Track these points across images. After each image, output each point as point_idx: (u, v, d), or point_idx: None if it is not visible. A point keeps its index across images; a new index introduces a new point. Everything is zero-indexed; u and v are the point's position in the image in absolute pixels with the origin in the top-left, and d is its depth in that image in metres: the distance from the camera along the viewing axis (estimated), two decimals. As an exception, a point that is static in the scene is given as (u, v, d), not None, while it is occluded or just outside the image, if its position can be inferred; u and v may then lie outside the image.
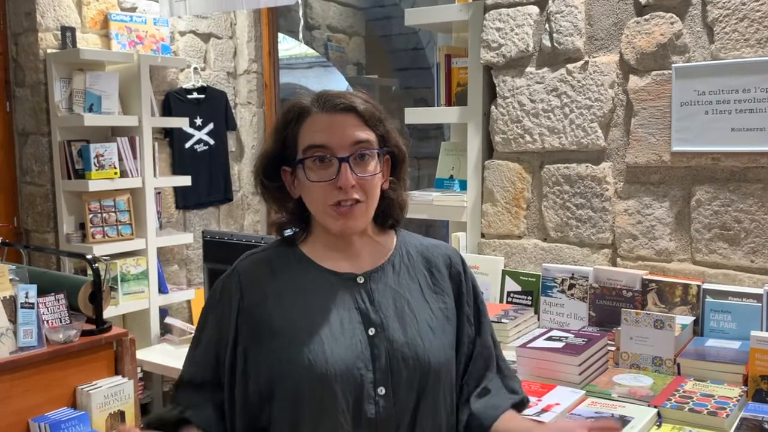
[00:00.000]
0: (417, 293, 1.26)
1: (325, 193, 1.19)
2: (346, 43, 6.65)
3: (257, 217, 4.48)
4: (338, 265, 1.25)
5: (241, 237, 2.98)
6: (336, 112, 1.20)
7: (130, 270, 3.46)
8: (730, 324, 1.93)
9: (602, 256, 2.23)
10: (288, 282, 1.24)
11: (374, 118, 1.22)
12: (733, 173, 2.00)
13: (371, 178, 1.20)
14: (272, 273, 1.25)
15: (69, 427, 1.94)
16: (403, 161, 1.28)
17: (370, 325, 1.20)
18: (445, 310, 1.28)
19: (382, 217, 1.29)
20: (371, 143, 1.21)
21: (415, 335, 1.20)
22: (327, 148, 1.18)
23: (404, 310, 1.22)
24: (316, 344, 1.16)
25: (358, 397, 1.15)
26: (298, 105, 1.23)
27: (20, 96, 3.51)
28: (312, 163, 1.19)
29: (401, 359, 1.18)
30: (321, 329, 1.17)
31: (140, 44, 3.67)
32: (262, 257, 1.28)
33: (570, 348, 1.80)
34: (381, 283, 1.24)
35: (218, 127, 4.13)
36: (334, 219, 1.20)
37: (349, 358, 1.16)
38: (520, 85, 2.34)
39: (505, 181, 2.39)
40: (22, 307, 1.94)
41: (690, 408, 1.58)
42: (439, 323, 1.25)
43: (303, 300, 1.21)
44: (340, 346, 1.16)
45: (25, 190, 3.57)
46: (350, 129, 1.19)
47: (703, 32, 2.02)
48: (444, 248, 1.35)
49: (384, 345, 1.18)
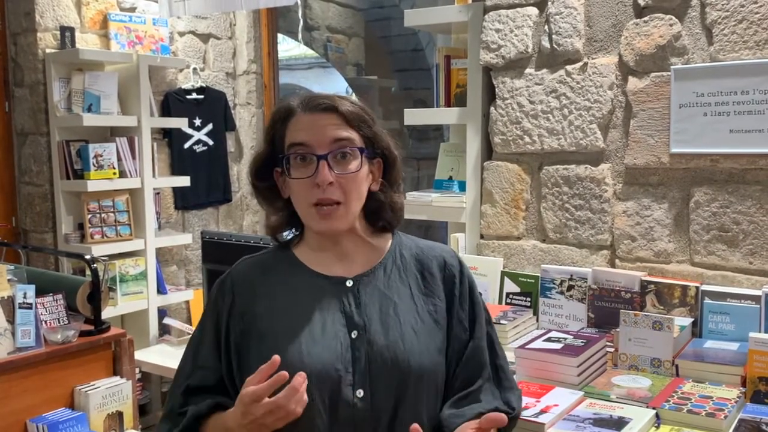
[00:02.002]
0: (406, 296, 1.26)
1: (306, 191, 1.21)
2: (345, 44, 6.65)
3: (256, 218, 4.48)
4: (330, 268, 1.27)
5: (240, 238, 2.98)
6: (317, 111, 1.23)
7: (128, 270, 3.46)
8: (729, 325, 1.93)
9: (601, 258, 2.23)
10: (278, 285, 1.26)
11: (358, 118, 1.24)
12: (732, 175, 2.01)
13: (351, 177, 1.21)
14: (264, 276, 1.27)
15: (67, 428, 1.94)
16: (394, 163, 1.29)
17: (353, 327, 1.20)
18: (435, 313, 1.27)
19: (373, 219, 1.30)
20: (352, 141, 1.22)
21: (397, 338, 1.20)
22: (307, 146, 1.21)
23: (389, 313, 1.23)
24: (294, 345, 1.18)
25: (335, 398, 1.16)
26: (284, 107, 1.26)
27: (19, 96, 3.51)
28: (294, 161, 1.22)
29: (380, 362, 1.18)
30: (301, 331, 1.19)
31: (139, 44, 3.67)
32: (256, 261, 1.32)
33: (569, 349, 1.80)
34: (370, 286, 1.25)
35: (217, 128, 4.13)
36: (316, 220, 1.22)
37: (327, 359, 1.17)
38: (519, 87, 2.34)
39: (504, 183, 2.39)
40: (20, 308, 1.94)
41: (688, 409, 1.58)
42: (426, 327, 1.25)
43: (290, 303, 1.23)
44: (317, 346, 1.18)
45: (24, 190, 3.57)
46: (330, 128, 1.22)
47: (702, 34, 2.02)
48: (440, 250, 1.34)
49: (364, 347, 1.19)
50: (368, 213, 1.29)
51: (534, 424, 1.54)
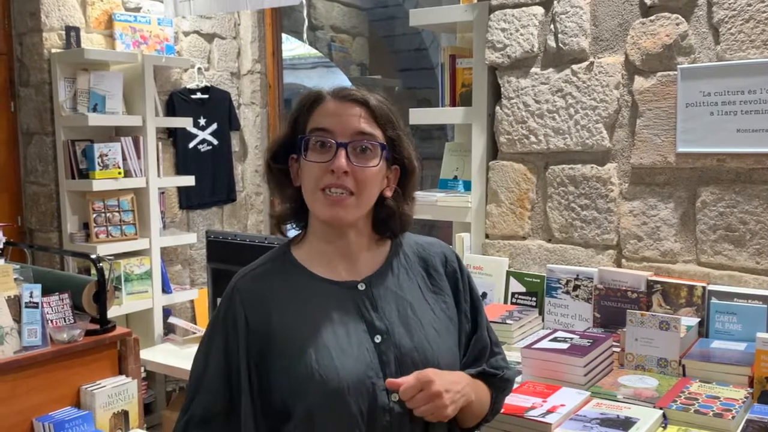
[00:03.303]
0: (418, 295, 1.26)
1: (319, 174, 1.18)
2: (349, 43, 6.66)
3: (260, 217, 4.48)
4: (336, 272, 1.24)
5: (245, 237, 2.97)
6: (347, 101, 1.21)
7: (133, 270, 3.46)
8: (736, 326, 1.92)
9: (607, 257, 2.22)
10: (289, 296, 1.21)
11: (386, 118, 1.22)
12: (739, 174, 2.00)
13: (367, 171, 1.19)
14: (272, 289, 1.22)
15: (73, 427, 1.94)
16: (413, 174, 1.28)
17: (375, 332, 1.19)
18: (447, 310, 1.28)
19: (381, 228, 1.28)
20: (375, 137, 1.21)
21: (422, 339, 1.20)
22: (330, 132, 1.19)
23: (407, 314, 1.22)
24: (325, 359, 1.14)
25: (372, 407, 1.15)
26: (314, 92, 1.24)
27: (25, 96, 3.52)
28: (313, 145, 1.20)
29: (411, 364, 1.17)
30: (328, 342, 1.16)
31: (144, 44, 3.67)
32: (259, 273, 1.26)
33: (575, 349, 1.80)
34: (382, 287, 1.24)
35: (222, 127, 4.14)
36: (323, 205, 1.19)
37: (360, 369, 1.15)
38: (524, 86, 2.33)
39: (510, 182, 2.39)
40: (26, 307, 1.94)
41: (696, 410, 1.58)
42: (443, 325, 1.25)
43: (306, 313, 1.19)
44: (349, 357, 1.15)
45: (29, 190, 3.58)
46: (357, 119, 1.20)
47: (709, 33, 2.02)
48: (438, 246, 1.35)
49: (392, 351, 1.18)
50: (377, 221, 1.27)
51: (541, 424, 1.54)
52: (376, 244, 1.29)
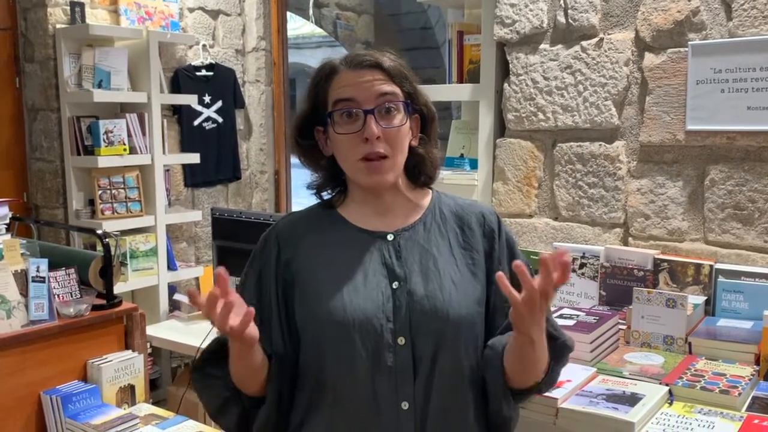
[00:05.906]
0: (445, 250, 1.29)
1: (353, 146, 1.23)
2: (355, 21, 6.61)
3: (265, 196, 4.47)
4: (371, 223, 1.30)
5: (250, 215, 2.97)
6: (362, 68, 1.25)
7: (139, 246, 3.47)
8: (743, 304, 1.92)
9: (614, 236, 2.21)
10: (320, 239, 1.30)
11: (400, 75, 1.27)
12: (748, 153, 1.98)
13: (397, 131, 1.24)
14: (307, 230, 1.31)
15: (80, 400, 1.95)
16: (433, 120, 1.33)
17: (394, 279, 1.24)
18: (473, 266, 1.29)
19: (415, 174, 1.33)
20: (396, 96, 1.25)
21: (436, 289, 1.23)
22: (353, 101, 1.23)
23: (429, 266, 1.26)
24: (336, 295, 1.22)
25: (378, 346, 1.20)
26: (328, 64, 1.29)
27: (29, 71, 3.50)
28: (339, 117, 1.24)
29: (420, 310, 1.22)
30: (344, 282, 1.23)
31: (149, 20, 3.65)
32: (300, 216, 1.36)
33: (581, 326, 1.80)
34: (410, 240, 1.28)
35: (227, 105, 4.12)
36: (364, 174, 1.24)
37: (369, 309, 1.21)
38: (533, 63, 2.31)
39: (517, 160, 2.37)
40: (33, 281, 1.94)
41: (702, 386, 1.58)
42: (464, 278, 1.27)
43: (332, 256, 1.27)
44: (359, 296, 1.22)
45: (35, 166, 3.57)
46: (375, 83, 1.24)
47: (721, 9, 1.99)
48: (479, 207, 1.37)
49: (405, 297, 1.22)
50: (409, 168, 1.32)
51: (547, 399, 1.54)
52: (412, 194, 1.33)
